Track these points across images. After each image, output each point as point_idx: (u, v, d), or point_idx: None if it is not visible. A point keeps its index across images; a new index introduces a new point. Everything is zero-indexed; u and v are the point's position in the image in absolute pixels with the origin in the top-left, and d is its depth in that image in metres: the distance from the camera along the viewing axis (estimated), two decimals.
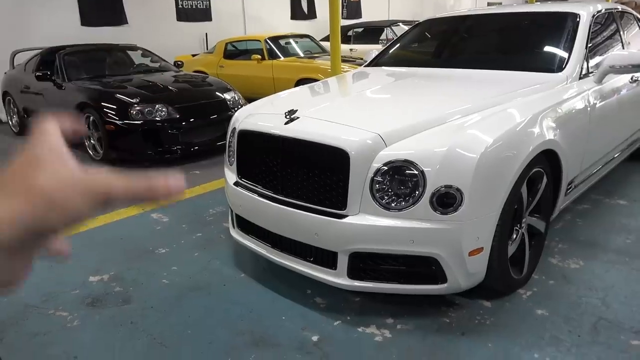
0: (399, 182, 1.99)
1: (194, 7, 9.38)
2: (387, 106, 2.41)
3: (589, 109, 2.67)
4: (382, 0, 14.61)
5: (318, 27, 11.72)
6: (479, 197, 1.94)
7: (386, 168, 1.98)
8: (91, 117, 4.87)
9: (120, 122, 4.59)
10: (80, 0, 7.97)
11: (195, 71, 8.37)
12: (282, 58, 7.39)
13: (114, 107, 4.67)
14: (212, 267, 2.76)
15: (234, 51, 8.14)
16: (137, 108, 4.62)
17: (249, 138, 2.46)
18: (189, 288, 2.55)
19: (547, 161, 2.36)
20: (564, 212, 3.30)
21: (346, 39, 10.04)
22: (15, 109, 6.42)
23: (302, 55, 7.90)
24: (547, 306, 2.26)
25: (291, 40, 8.27)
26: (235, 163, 2.60)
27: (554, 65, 2.75)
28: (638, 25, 3.98)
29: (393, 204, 1.98)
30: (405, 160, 1.96)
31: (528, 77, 2.68)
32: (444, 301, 2.31)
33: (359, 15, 13.13)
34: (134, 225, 3.41)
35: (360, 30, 10.46)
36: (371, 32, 10.10)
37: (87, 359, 2.04)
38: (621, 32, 3.45)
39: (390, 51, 3.70)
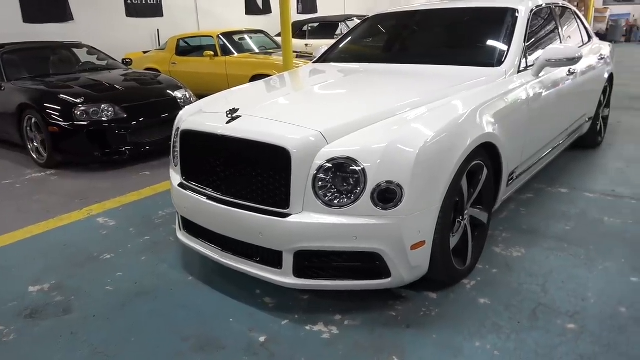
0: (341, 179, 1.99)
1: (143, 2, 9.11)
2: (331, 103, 2.41)
3: (527, 101, 2.76)
4: None
5: (273, 22, 11.63)
6: (419, 191, 1.97)
7: (328, 165, 1.98)
8: (33, 119, 4.66)
9: (64, 123, 4.42)
10: None
11: (146, 68, 8.16)
12: (236, 54, 7.29)
13: (57, 108, 4.49)
14: (159, 271, 2.70)
15: (187, 47, 7.97)
16: (82, 108, 4.45)
17: (191, 138, 2.41)
18: (135, 294, 2.48)
19: (486, 154, 2.42)
20: (508, 202, 3.40)
21: (301, 34, 10.02)
22: None
23: (256, 51, 7.81)
24: (489, 295, 2.32)
25: (245, 36, 8.17)
26: (179, 164, 2.54)
27: (493, 60, 2.82)
28: (576, 20, 4.14)
29: (335, 201, 1.99)
30: (346, 157, 1.96)
31: (469, 72, 2.74)
32: (391, 295, 2.34)
33: (314, 10, 13.11)
34: (78, 230, 3.29)
35: (315, 25, 10.45)
36: (326, 27, 10.11)
37: None
38: (560, 27, 3.58)
39: (339, 47, 3.70)
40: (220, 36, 7.44)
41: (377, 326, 2.13)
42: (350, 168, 1.96)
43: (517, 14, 3.06)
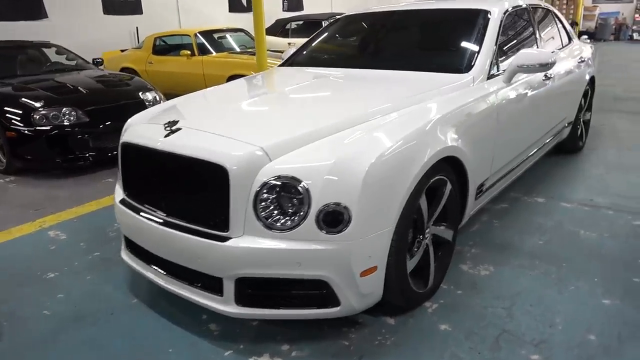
0: (284, 200, 1.82)
1: None
2: (280, 114, 2.23)
3: (497, 110, 2.59)
4: None
5: None
6: (369, 213, 1.80)
7: (269, 185, 1.81)
8: None
9: (22, 128, 4.21)
10: None
11: (122, 68, 7.95)
12: (214, 54, 7.08)
13: (16, 111, 4.28)
14: (103, 292, 2.52)
15: (164, 46, 7.75)
16: (41, 112, 4.25)
17: (131, 151, 2.23)
18: (72, 319, 2.30)
19: (450, 168, 2.26)
20: (481, 213, 3.24)
21: (285, 33, 9.82)
22: None
23: (237, 50, 7.61)
24: (451, 320, 2.16)
25: (227, 35, 7.96)
26: (120, 178, 2.36)
27: (461, 66, 2.66)
28: (556, 21, 3.98)
29: (278, 224, 1.81)
30: (289, 176, 1.79)
31: (435, 79, 2.57)
32: (346, 321, 2.17)
33: (300, 8, 12.90)
34: (26, 245, 3.10)
35: (300, 23, 10.25)
36: (311, 26, 9.89)
37: None
38: (537, 30, 3.42)
39: (307, 49, 3.52)
40: (198, 34, 7.23)
41: (327, 357, 1.96)
42: (293, 188, 1.79)
43: (489, 17, 2.90)
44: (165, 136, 2.06)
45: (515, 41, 3.10)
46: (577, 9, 17.39)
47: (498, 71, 2.76)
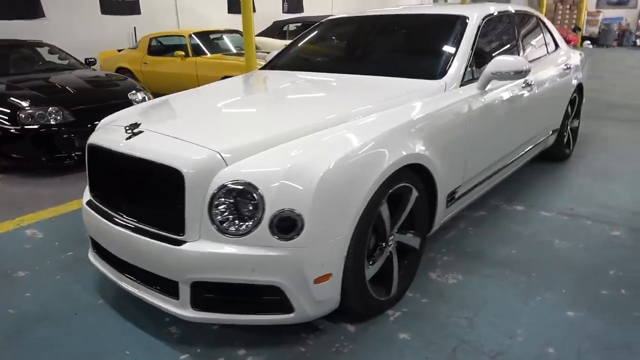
0: (238, 205, 1.82)
1: None
2: (245, 119, 2.23)
3: (469, 117, 2.58)
4: None
5: (257, 21, 11.42)
6: (323, 220, 1.79)
7: (225, 190, 1.80)
8: None
9: (8, 127, 4.23)
10: None
11: (118, 68, 7.98)
12: (208, 55, 7.09)
13: (3, 110, 4.31)
14: (70, 292, 2.52)
15: (159, 47, 7.77)
16: (28, 111, 4.27)
17: (95, 153, 2.24)
18: (35, 319, 2.30)
19: (416, 175, 2.25)
20: (458, 220, 3.23)
21: (282, 34, 9.83)
22: None
23: (233, 51, 7.62)
24: (412, 329, 2.14)
25: (223, 36, 7.97)
26: (87, 180, 2.36)
27: (435, 72, 2.64)
28: (542, 28, 3.96)
29: (232, 229, 1.81)
30: (244, 182, 1.78)
31: (407, 84, 2.56)
32: (306, 327, 2.16)
33: (300, 10, 12.92)
34: (3, 242, 3.11)
35: (299, 24, 10.25)
36: (308, 28, 9.91)
37: None
38: (518, 36, 3.40)
39: (287, 53, 3.52)
40: (192, 35, 7.25)
41: None
42: (249, 193, 1.78)
43: (466, 22, 2.88)
44: (127, 139, 2.06)
45: (494, 48, 3.08)
46: (580, 14, 17.33)
47: (474, 78, 2.74)
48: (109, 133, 2.21)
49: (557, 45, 4.15)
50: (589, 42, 18.14)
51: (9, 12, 7.56)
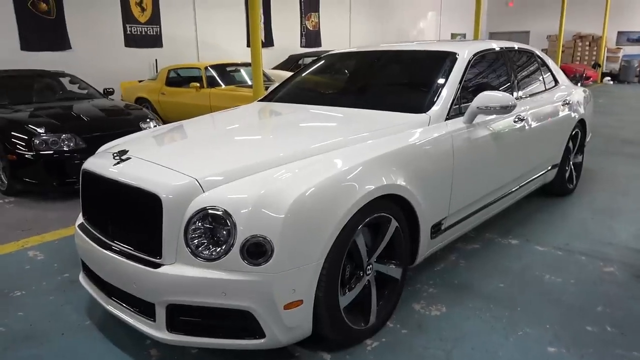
0: (212, 231, 1.88)
1: (143, 33, 9.33)
2: (228, 148, 2.32)
3: (453, 150, 2.62)
4: (343, 29, 14.82)
5: (276, 55, 11.78)
6: (293, 247, 1.84)
7: (199, 215, 1.88)
8: None
9: (23, 152, 4.44)
10: (20, 24, 7.84)
11: (137, 98, 8.29)
12: (222, 86, 7.33)
13: (19, 136, 4.52)
14: (61, 312, 2.60)
15: (176, 78, 8.07)
16: (42, 138, 4.47)
17: (87, 178, 2.35)
18: (23, 338, 2.38)
19: (395, 206, 2.29)
20: (450, 252, 3.22)
21: (297, 67, 10.09)
22: None
23: (249, 83, 7.85)
24: None
25: (240, 69, 8.23)
26: (80, 204, 2.47)
27: (420, 105, 2.71)
28: (540, 64, 4.01)
29: (206, 253, 1.87)
30: (217, 208, 1.86)
31: (392, 118, 2.63)
32: (281, 353, 2.18)
33: (318, 44, 13.25)
34: (5, 263, 3.23)
35: (314, 58, 10.52)
36: None
37: None
38: (511, 72, 3.45)
39: (286, 86, 3.64)
40: (208, 68, 7.51)
41: None
42: (222, 219, 1.85)
43: (456, 58, 2.96)
44: (114, 164, 2.17)
45: (484, 83, 3.14)
46: (599, 50, 17.30)
47: (461, 112, 2.80)
48: (100, 159, 2.32)
49: (556, 82, 4.18)
50: (609, 78, 18.02)
51: (39, 44, 8.00)
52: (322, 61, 3.74)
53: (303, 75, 3.67)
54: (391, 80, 3.19)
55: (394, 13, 17.26)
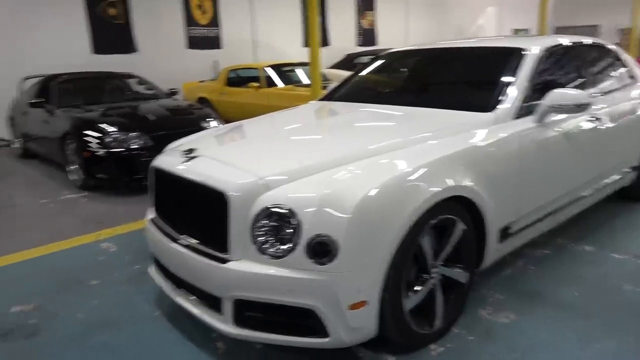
0: (278, 229, 1.90)
1: (203, 35, 9.61)
2: (292, 147, 2.33)
3: (522, 150, 2.50)
4: (399, 27, 14.62)
5: (332, 54, 11.78)
6: (357, 247, 1.82)
7: (265, 213, 1.90)
8: (73, 144, 4.99)
9: (96, 149, 4.69)
10: (92, 29, 8.30)
11: (199, 98, 8.56)
12: (280, 86, 7.43)
13: (92, 134, 4.79)
14: (132, 302, 2.72)
15: (236, 78, 8.26)
16: (113, 136, 4.72)
17: (157, 174, 2.44)
18: (99, 324, 2.51)
19: (462, 208, 2.22)
20: (517, 257, 3.09)
21: (353, 67, 10.06)
22: (19, 133, 6.69)
23: (305, 82, 7.92)
24: None
25: (297, 69, 8.31)
26: (151, 199, 2.57)
27: (486, 104, 2.60)
28: (615, 60, 3.77)
29: (271, 250, 1.89)
30: (282, 206, 1.87)
31: (457, 117, 2.55)
32: (347, 353, 2.17)
33: (374, 43, 13.14)
34: (80, 254, 3.43)
35: (371, 57, 10.45)
36: None
37: None
38: (586, 69, 3.26)
39: (347, 85, 3.63)
40: (265, 68, 7.63)
41: None
42: (288, 217, 1.86)
43: (524, 55, 2.83)
44: (183, 162, 2.24)
45: (556, 80, 2.98)
46: None
47: (530, 111, 2.67)
48: (169, 156, 2.41)
49: (634, 78, 3.91)
50: None
51: (109, 47, 8.45)
52: (382, 60, 3.69)
53: (363, 74, 3.64)
54: (454, 78, 3.10)
55: (452, 9, 16.82)
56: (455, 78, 3.10)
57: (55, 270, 3.16)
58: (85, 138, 4.79)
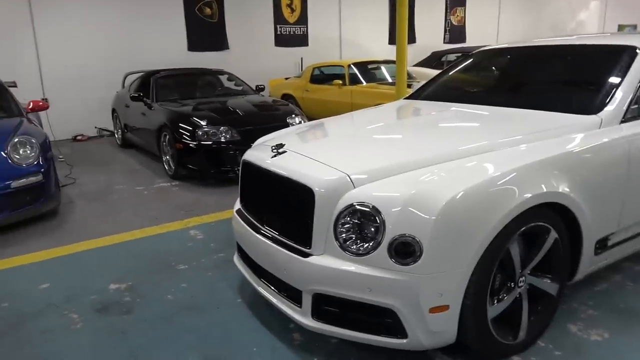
0: (361, 226, 1.91)
1: (291, 33, 9.84)
2: (378, 145, 2.33)
3: (629, 157, 2.31)
4: (490, 23, 14.00)
5: (418, 52, 11.57)
6: (443, 250, 1.78)
7: (349, 210, 1.92)
8: (167, 136, 5.34)
9: (188, 142, 4.98)
10: (189, 29, 8.82)
11: (283, 94, 8.79)
12: (363, 84, 7.42)
13: (185, 127, 5.08)
14: (216, 288, 2.86)
15: (320, 76, 8.37)
16: (204, 129, 4.98)
17: (247, 168, 2.54)
18: (186, 306, 2.67)
19: (556, 215, 2.09)
20: (613, 272, 2.86)
21: (440, 65, 9.80)
22: (120, 124, 7.27)
23: (389, 81, 7.85)
24: None
25: (382, 67, 8.26)
26: (239, 191, 2.69)
27: (590, 106, 2.43)
28: None
29: (353, 248, 1.91)
30: (367, 204, 1.87)
31: (556, 119, 2.40)
32: (421, 356, 2.14)
33: (462, 40, 12.71)
34: (171, 239, 3.66)
35: (458, 55, 10.12)
36: None
37: None
38: None
39: (434, 83, 3.55)
40: (351, 65, 7.66)
41: None
42: (371, 216, 1.87)
43: (636, 53, 2.60)
44: (272, 157, 2.31)
45: None
46: None
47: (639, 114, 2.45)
48: (259, 151, 2.50)
49: None
50: None
51: (203, 45, 8.95)
52: (473, 58, 3.56)
53: (452, 72, 3.54)
54: (552, 77, 2.91)
55: (548, 5, 15.79)
56: (554, 78, 2.91)
57: (147, 253, 3.41)
58: (179, 131, 5.10)
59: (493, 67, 3.41)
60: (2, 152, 3.87)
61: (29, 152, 3.99)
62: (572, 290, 2.65)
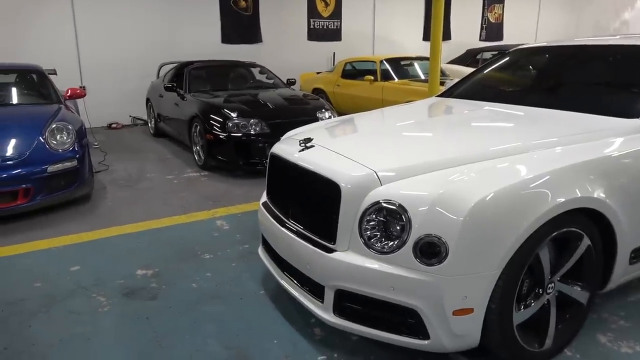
0: (386, 224, 1.89)
1: (325, 27, 9.82)
2: (407, 143, 2.29)
3: None
4: (529, 21, 13.63)
5: (453, 48, 11.37)
6: (469, 252, 1.75)
7: (375, 208, 1.90)
8: (198, 127, 5.42)
9: (218, 133, 5.03)
10: (223, 21, 8.91)
11: (314, 88, 8.78)
12: (395, 80, 7.34)
13: (216, 119, 5.14)
14: (240, 279, 2.89)
15: (352, 71, 8.32)
16: (234, 121, 5.02)
17: (275, 161, 2.55)
18: (210, 295, 2.71)
19: (590, 222, 2.02)
20: None
21: (475, 62, 9.61)
22: (153, 114, 7.41)
23: (422, 77, 7.74)
24: None
25: (414, 63, 8.15)
26: (266, 184, 2.70)
27: (631, 109, 2.33)
28: None
29: (377, 245, 1.89)
30: (394, 202, 1.85)
31: (594, 122, 2.31)
32: (440, 358, 2.10)
33: (499, 38, 12.42)
34: (198, 228, 3.72)
35: (494, 53, 9.89)
36: None
37: (96, 343, 2.29)
38: None
39: (468, 82, 3.47)
40: (383, 61, 7.59)
41: None
42: (397, 214, 1.84)
43: None
44: (300, 151, 2.31)
45: None
46: None
47: None
48: (287, 145, 2.50)
49: None
50: None
51: (237, 37, 9.04)
52: (510, 56, 3.47)
53: (487, 70, 3.46)
54: (592, 78, 2.81)
55: (591, 3, 15.24)
56: (593, 79, 2.81)
57: (174, 241, 3.47)
58: (210, 122, 5.16)
59: (530, 66, 3.31)
60: (40, 138, 3.99)
61: (65, 138, 4.11)
62: (603, 300, 2.56)
